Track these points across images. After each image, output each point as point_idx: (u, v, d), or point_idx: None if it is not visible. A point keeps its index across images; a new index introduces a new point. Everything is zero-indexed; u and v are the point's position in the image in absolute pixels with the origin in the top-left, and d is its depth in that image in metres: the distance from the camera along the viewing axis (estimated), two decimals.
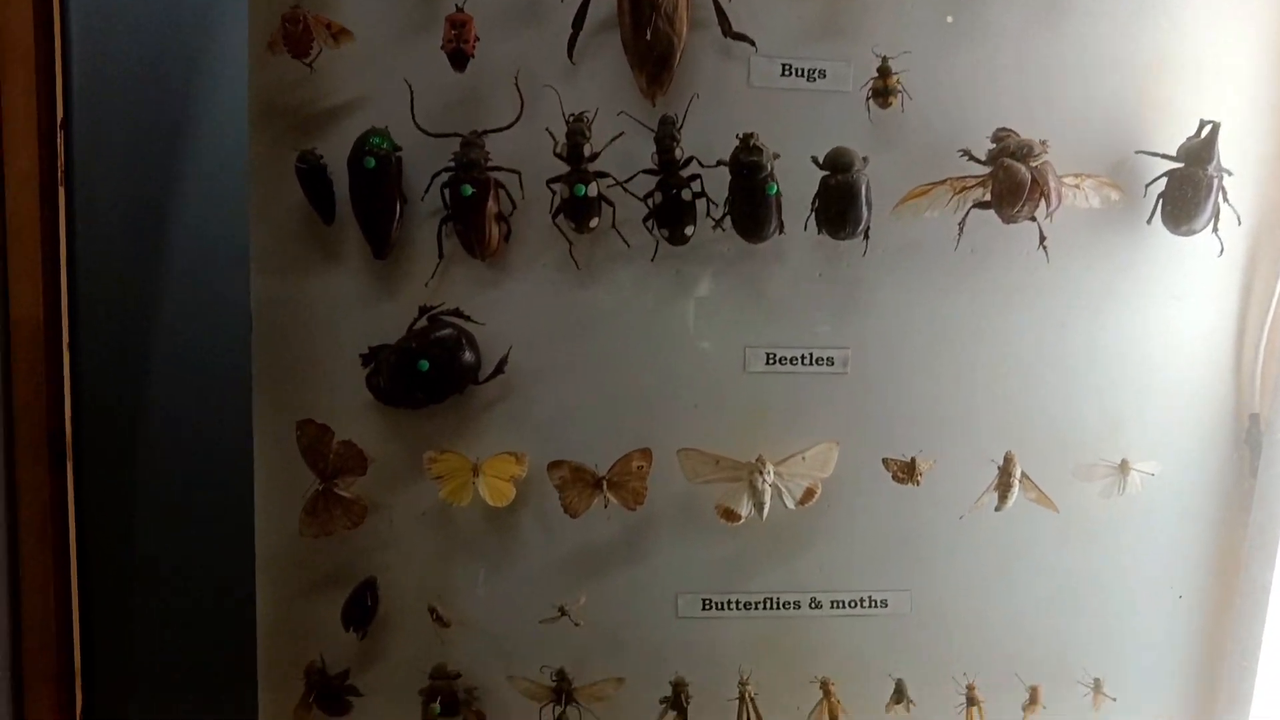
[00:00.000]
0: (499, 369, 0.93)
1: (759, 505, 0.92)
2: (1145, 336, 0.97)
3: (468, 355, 0.92)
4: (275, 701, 0.97)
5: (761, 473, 0.92)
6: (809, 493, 0.93)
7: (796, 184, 0.90)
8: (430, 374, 0.91)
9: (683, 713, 0.95)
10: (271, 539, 0.96)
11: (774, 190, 0.88)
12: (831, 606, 0.98)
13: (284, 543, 0.96)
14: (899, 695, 0.96)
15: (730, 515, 0.93)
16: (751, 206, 0.89)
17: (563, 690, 0.94)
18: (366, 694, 0.97)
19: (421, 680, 0.96)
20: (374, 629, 0.97)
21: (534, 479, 0.94)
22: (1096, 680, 0.98)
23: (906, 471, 0.93)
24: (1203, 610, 1.00)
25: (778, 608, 0.98)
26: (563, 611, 0.94)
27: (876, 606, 0.98)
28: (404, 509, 0.96)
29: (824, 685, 0.95)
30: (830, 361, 0.95)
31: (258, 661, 0.98)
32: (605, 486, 0.92)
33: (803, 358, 0.95)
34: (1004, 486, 0.93)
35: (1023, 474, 0.93)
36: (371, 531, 0.96)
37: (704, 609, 0.98)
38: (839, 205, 0.89)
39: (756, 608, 0.98)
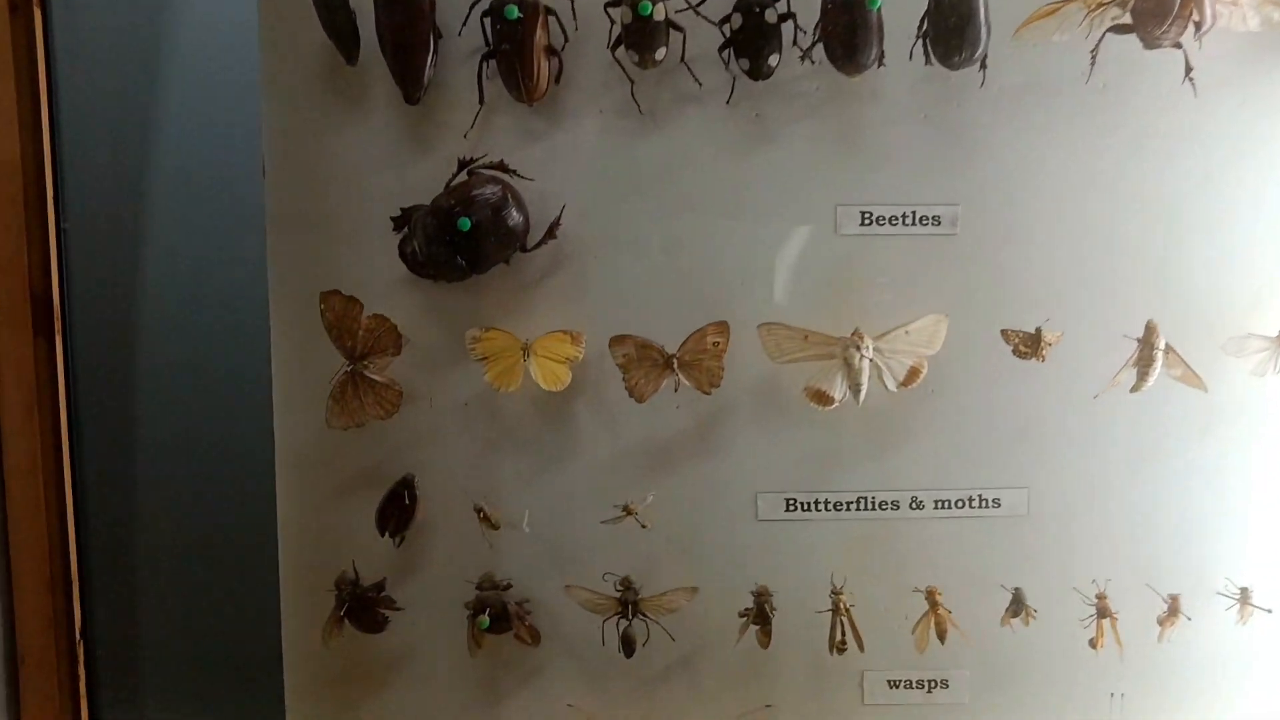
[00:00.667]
0: (550, 233, 0.81)
1: (855, 387, 0.79)
2: None
3: (514, 217, 0.79)
4: (299, 617, 0.86)
5: (859, 348, 0.78)
6: (913, 372, 0.80)
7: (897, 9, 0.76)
8: (472, 236, 0.78)
9: (766, 626, 0.82)
10: (294, 433, 0.85)
11: (877, 4, 0.74)
12: (937, 507, 0.85)
13: (308, 437, 0.85)
14: (1017, 606, 0.83)
15: (822, 398, 0.80)
16: (849, 27, 0.75)
17: (628, 601, 0.82)
18: (405, 608, 0.86)
19: (467, 592, 0.85)
20: (412, 534, 0.86)
21: (592, 362, 0.82)
22: (1243, 590, 0.85)
23: (1030, 345, 0.79)
24: None
25: (874, 508, 0.85)
26: (627, 511, 0.82)
27: (989, 506, 0.85)
28: (445, 397, 0.84)
29: (930, 596, 0.83)
30: (937, 221, 0.82)
31: (280, 574, 0.86)
32: (676, 366, 0.79)
33: (904, 217, 0.82)
34: (1145, 361, 0.79)
35: (1167, 346, 0.79)
36: (408, 423, 0.84)
37: (788, 510, 0.85)
38: (955, 19, 0.74)
39: (849, 508, 0.85)
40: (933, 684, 0.87)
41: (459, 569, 0.86)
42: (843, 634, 0.82)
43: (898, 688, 0.87)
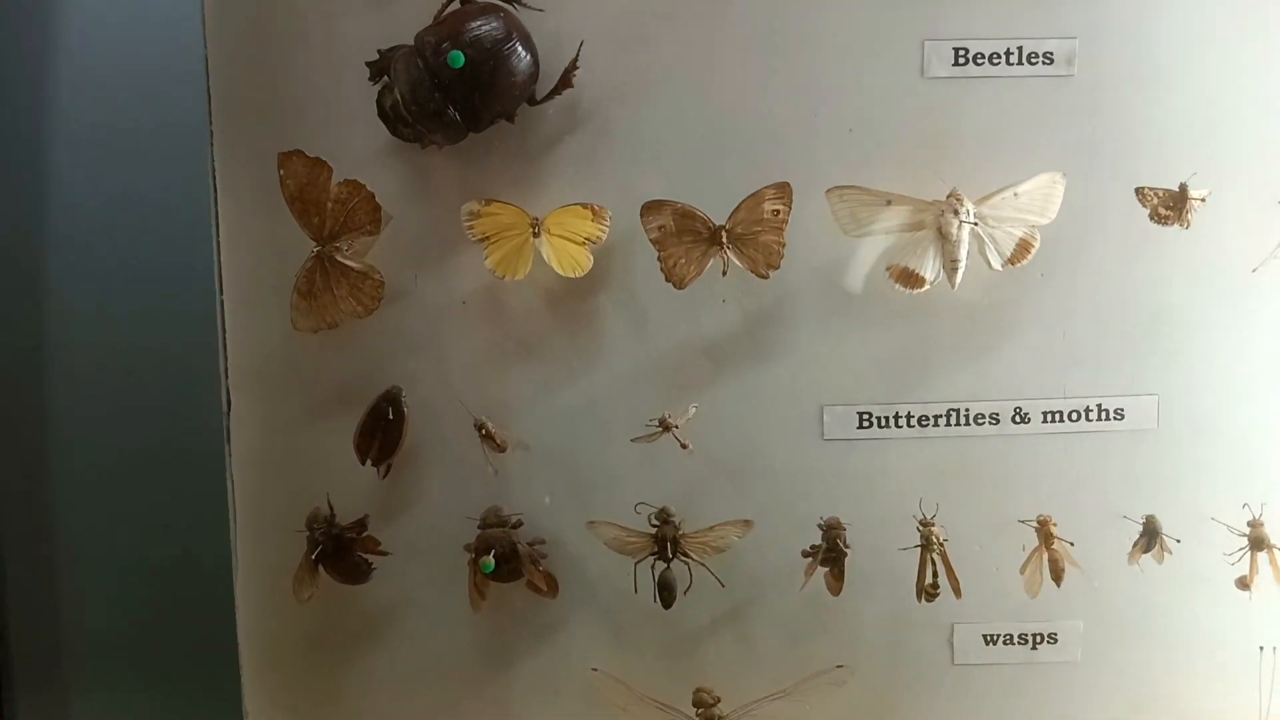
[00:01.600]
0: (565, 81, 0.64)
1: (952, 264, 0.63)
2: None
3: (520, 57, 0.63)
4: (261, 568, 0.70)
5: (958, 213, 0.62)
6: (1023, 246, 0.64)
7: None
8: (467, 77, 0.61)
9: (839, 567, 0.66)
10: (250, 339, 0.69)
11: None
12: (1045, 420, 0.70)
13: (270, 344, 0.68)
14: (1149, 539, 0.67)
15: (910, 279, 0.64)
16: None
17: (666, 538, 0.66)
18: (393, 552, 0.69)
19: (468, 532, 0.69)
20: (400, 462, 0.70)
21: (619, 244, 0.67)
22: None
23: (1174, 206, 0.63)
24: None
25: (967, 423, 0.70)
26: (664, 426, 0.66)
27: (1110, 419, 0.70)
28: (439, 292, 0.68)
29: (1043, 527, 0.67)
30: (1049, 58, 0.65)
31: (232, 513, 0.70)
32: (725, 240, 0.63)
33: (1007, 54, 0.66)
34: None
35: None
36: (394, 324, 0.69)
37: (861, 426, 0.70)
38: None
39: (937, 423, 0.70)
40: (1039, 638, 0.72)
41: (459, 504, 0.71)
42: (934, 575, 0.66)
43: (995, 643, 0.72)
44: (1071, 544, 0.67)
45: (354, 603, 0.73)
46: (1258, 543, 0.67)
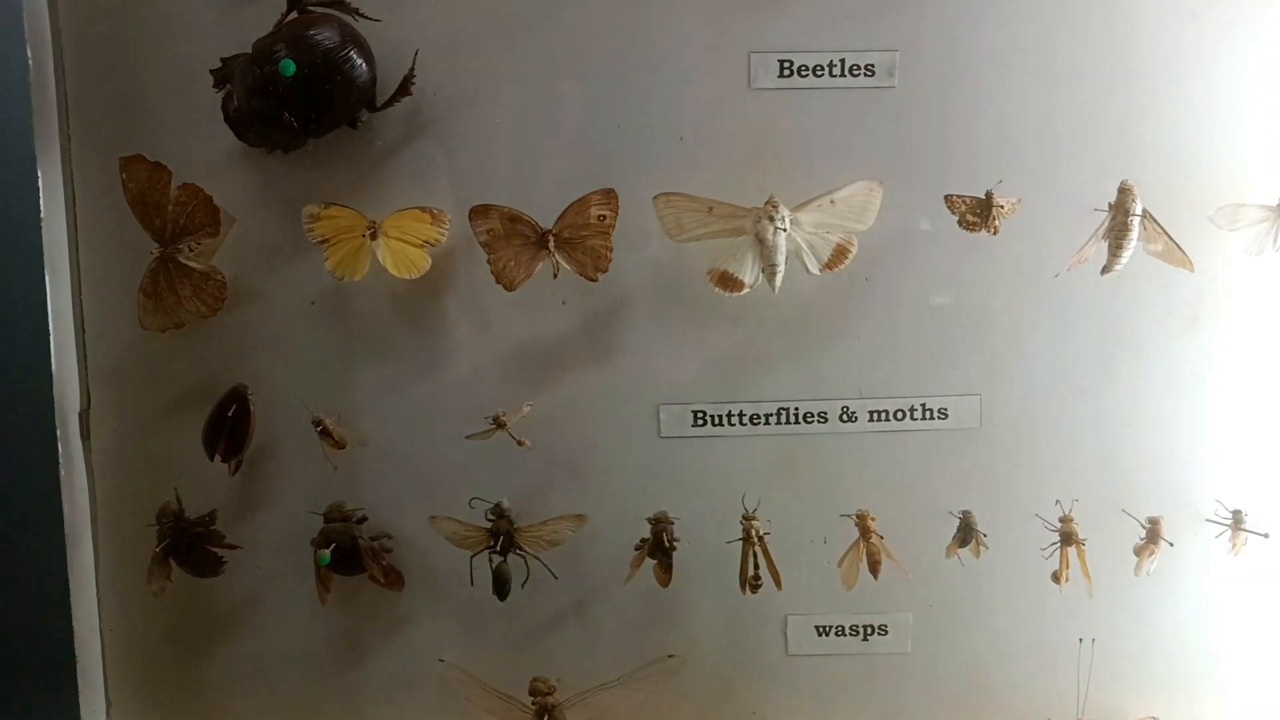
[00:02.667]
0: (404, 89, 0.66)
1: (770, 268, 0.65)
2: None
3: (356, 65, 0.65)
4: (119, 563, 0.73)
5: (773, 220, 0.64)
6: (840, 251, 0.66)
7: None
8: (300, 84, 0.63)
9: (666, 560, 0.69)
10: (105, 339, 0.71)
11: None
12: (872, 419, 0.72)
13: (123, 343, 0.70)
14: (965, 534, 0.70)
15: (729, 282, 0.66)
16: None
17: (501, 532, 0.68)
18: (244, 546, 0.71)
19: (317, 527, 0.71)
20: (254, 460, 0.72)
21: (462, 249, 0.68)
22: (1236, 514, 0.71)
23: (980, 213, 0.65)
24: None
25: (797, 421, 0.72)
26: (498, 424, 0.68)
27: (933, 417, 0.72)
28: (287, 294, 0.70)
29: (861, 521, 0.69)
30: (871, 70, 0.68)
31: (92, 509, 0.72)
32: (553, 244, 0.65)
33: (830, 66, 0.68)
34: (1119, 232, 0.65)
35: (1145, 213, 0.65)
36: (244, 325, 0.72)
37: (696, 424, 0.72)
38: None
39: (767, 422, 0.72)
40: (869, 630, 0.74)
41: (308, 499, 0.73)
42: (756, 567, 0.68)
43: (827, 634, 0.74)
44: (881, 537, 0.69)
45: (211, 596, 0.74)
46: (1068, 538, 0.69)
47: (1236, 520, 0.71)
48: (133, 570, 0.73)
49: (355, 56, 0.66)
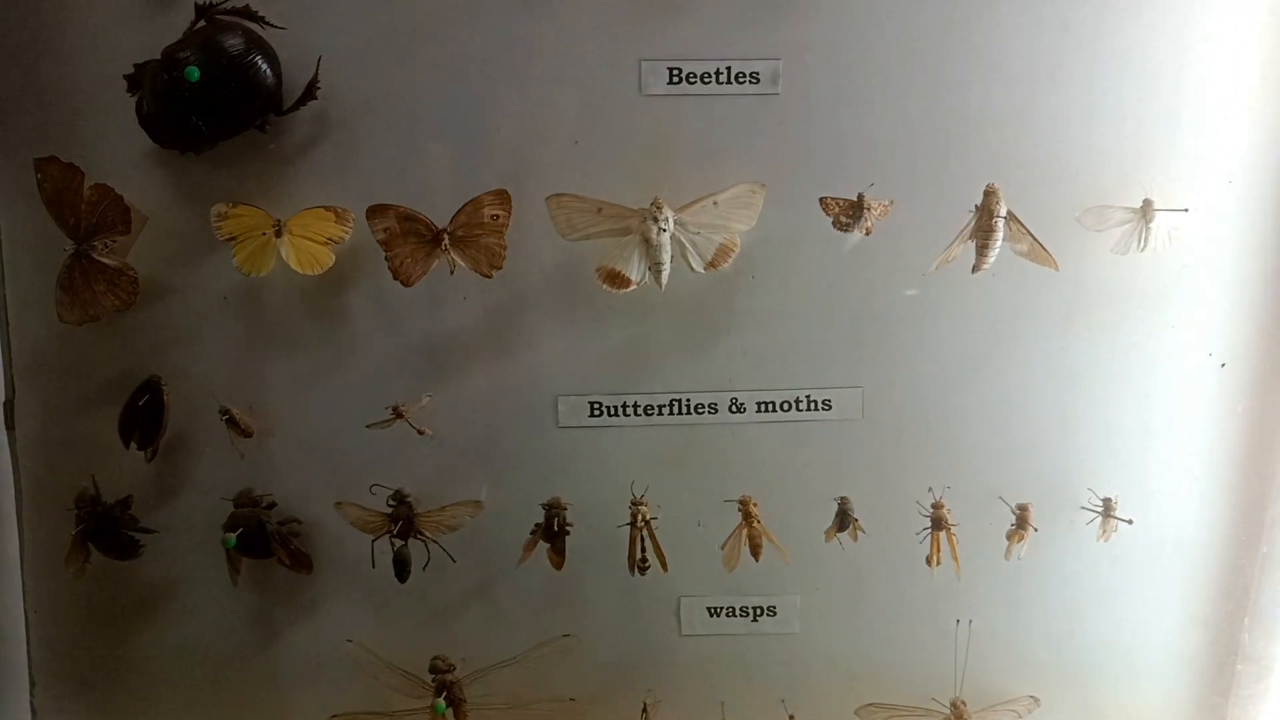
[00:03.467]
0: (309, 93, 0.69)
1: (655, 266, 0.69)
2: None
3: (262, 70, 0.68)
4: (42, 546, 0.76)
5: (657, 220, 0.68)
6: (723, 250, 0.70)
7: None
8: (205, 89, 0.66)
9: (559, 544, 0.72)
10: (29, 331, 0.74)
11: None
12: (760, 410, 0.75)
13: (45, 336, 0.73)
14: (842, 519, 0.73)
15: (616, 279, 0.70)
16: None
17: (401, 517, 0.71)
18: (159, 530, 0.75)
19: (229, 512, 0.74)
20: (169, 449, 0.75)
21: (368, 246, 0.71)
22: (1107, 501, 0.75)
23: (852, 214, 0.68)
24: (1253, 381, 0.76)
25: (688, 412, 0.75)
26: (398, 414, 0.71)
27: (817, 409, 0.75)
28: (200, 289, 0.73)
29: (743, 506, 0.72)
30: (756, 78, 0.71)
31: (17, 496, 0.75)
32: (447, 242, 0.68)
33: (718, 74, 0.71)
34: (984, 233, 0.68)
35: (1009, 214, 0.68)
36: (159, 319, 0.74)
37: (592, 415, 0.75)
38: None
39: (660, 412, 0.75)
40: (759, 611, 0.77)
41: (222, 487, 0.76)
42: (643, 550, 0.71)
43: (719, 615, 0.77)
44: (761, 522, 0.72)
45: (132, 580, 0.77)
46: (939, 523, 0.72)
47: (1107, 508, 0.75)
48: (56, 555, 0.76)
49: (260, 62, 0.69)
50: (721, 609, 0.77)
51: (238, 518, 0.73)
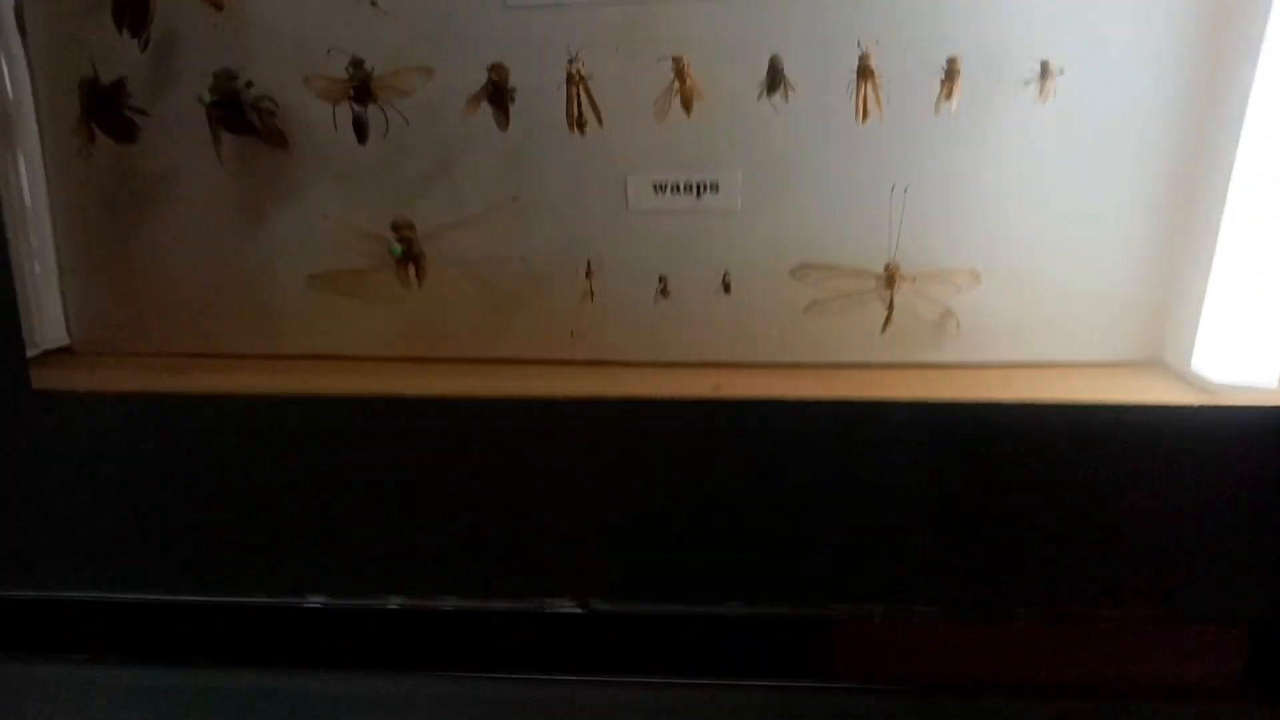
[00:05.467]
0: None
1: None
2: None
3: None
4: (59, 142, 0.84)
5: None
6: None
7: None
8: None
9: (502, 104, 0.76)
10: None
11: None
12: None
13: None
14: (774, 76, 0.75)
15: None
16: None
17: (358, 79, 0.77)
18: (156, 124, 0.82)
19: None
20: (159, 46, 0.81)
21: None
22: (1044, 64, 0.74)
23: None
24: None
25: None
26: None
27: None
28: None
29: (676, 65, 0.75)
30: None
31: (32, 92, 0.83)
32: None
33: None
34: None
35: None
36: None
37: None
38: None
39: None
40: (702, 187, 0.80)
41: (202, 67, 0.81)
42: (579, 108, 0.75)
43: (664, 192, 0.81)
44: (695, 81, 0.74)
45: (135, 169, 0.85)
46: (864, 73, 0.73)
47: (1044, 70, 0.74)
48: (73, 149, 0.84)
49: None
50: (666, 185, 0.80)
51: (218, 88, 0.79)
